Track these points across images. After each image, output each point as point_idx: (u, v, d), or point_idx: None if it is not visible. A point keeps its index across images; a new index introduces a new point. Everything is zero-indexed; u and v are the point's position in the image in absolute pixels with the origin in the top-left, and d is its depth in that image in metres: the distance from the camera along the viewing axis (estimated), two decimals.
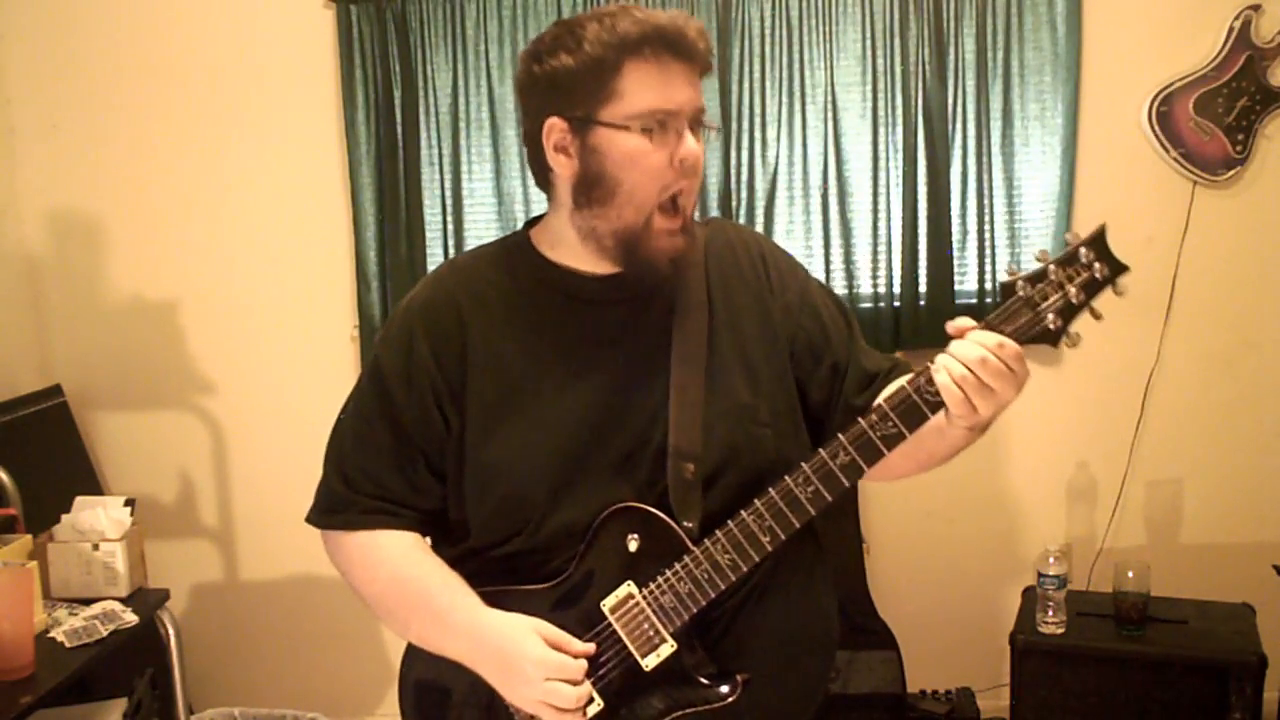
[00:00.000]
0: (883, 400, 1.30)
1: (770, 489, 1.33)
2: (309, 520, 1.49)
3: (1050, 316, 1.24)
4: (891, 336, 3.03)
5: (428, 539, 1.49)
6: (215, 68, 3.15)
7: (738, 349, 1.43)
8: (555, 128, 1.34)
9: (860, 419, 1.29)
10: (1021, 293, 1.25)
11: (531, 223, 1.49)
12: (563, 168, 1.36)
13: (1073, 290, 1.24)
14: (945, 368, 1.24)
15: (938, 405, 1.26)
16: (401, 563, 1.43)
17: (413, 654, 1.53)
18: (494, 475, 1.39)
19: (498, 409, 1.39)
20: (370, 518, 1.44)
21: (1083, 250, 1.24)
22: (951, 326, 1.26)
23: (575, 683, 1.34)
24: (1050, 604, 2.68)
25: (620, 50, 1.29)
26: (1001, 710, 2.95)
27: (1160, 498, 3.10)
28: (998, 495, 3.16)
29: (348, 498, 1.45)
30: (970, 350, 1.23)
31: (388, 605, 1.45)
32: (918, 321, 3.02)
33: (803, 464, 1.32)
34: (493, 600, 1.40)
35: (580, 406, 1.38)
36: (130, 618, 2.39)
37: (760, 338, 1.44)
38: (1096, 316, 1.26)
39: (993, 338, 1.23)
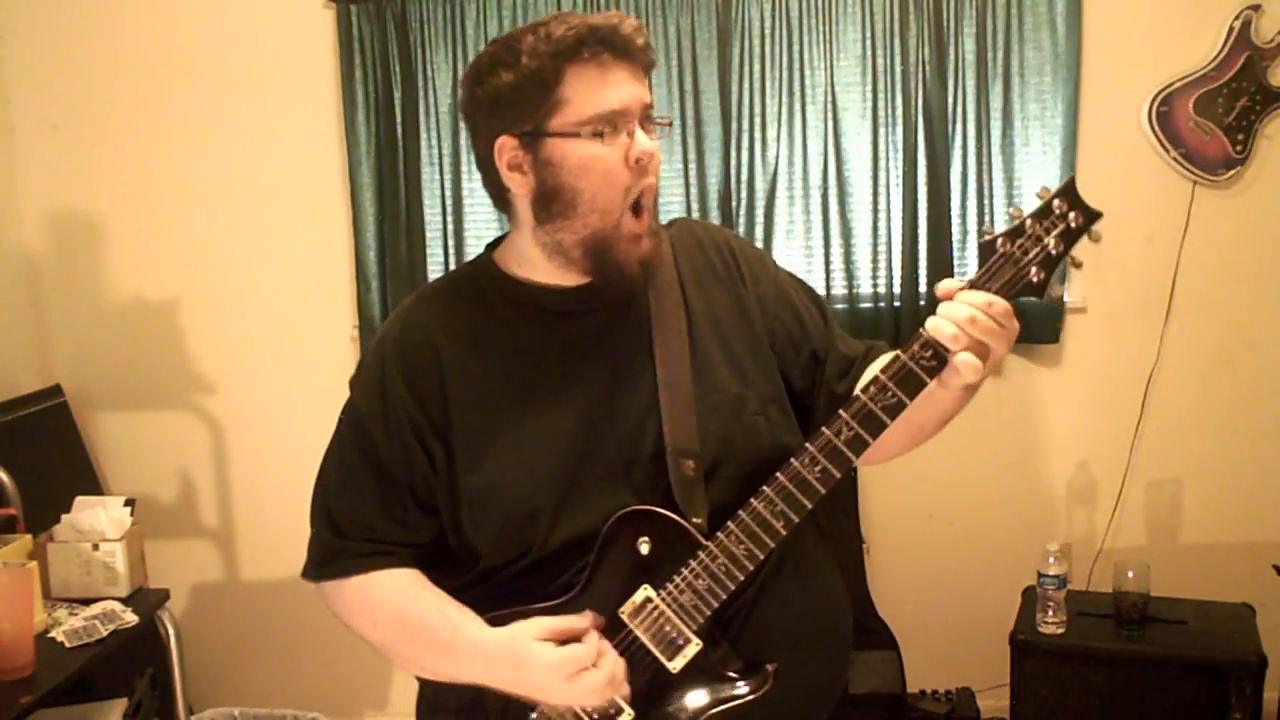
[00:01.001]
0: (879, 373, 1.30)
1: (778, 473, 1.32)
2: (305, 576, 1.47)
3: (1033, 270, 1.26)
4: (891, 336, 3.02)
5: (424, 574, 1.46)
6: (215, 68, 3.16)
7: (720, 342, 1.42)
8: (506, 146, 1.32)
9: (860, 393, 1.29)
10: (1002, 249, 1.27)
11: (493, 245, 1.47)
12: (519, 186, 1.34)
13: (1051, 241, 1.26)
14: (938, 329, 1.25)
15: (934, 369, 1.27)
16: (400, 602, 1.41)
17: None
18: (491, 499, 1.37)
19: (486, 435, 1.37)
20: (365, 561, 1.42)
21: (1055, 202, 1.26)
22: (939, 289, 1.28)
23: (602, 668, 1.31)
24: (1050, 604, 2.68)
25: (558, 57, 1.27)
26: (1001, 710, 2.95)
27: (1160, 498, 3.10)
28: (998, 495, 3.16)
29: (339, 546, 1.43)
30: (961, 310, 1.24)
31: (395, 647, 1.43)
32: (918, 321, 2.96)
33: (808, 444, 1.31)
34: (505, 624, 1.37)
35: (569, 419, 1.37)
36: (130, 618, 2.39)
37: (740, 330, 1.44)
38: (1076, 265, 1.28)
39: (981, 296, 1.25)
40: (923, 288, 3.03)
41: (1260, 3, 2.85)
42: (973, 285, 1.27)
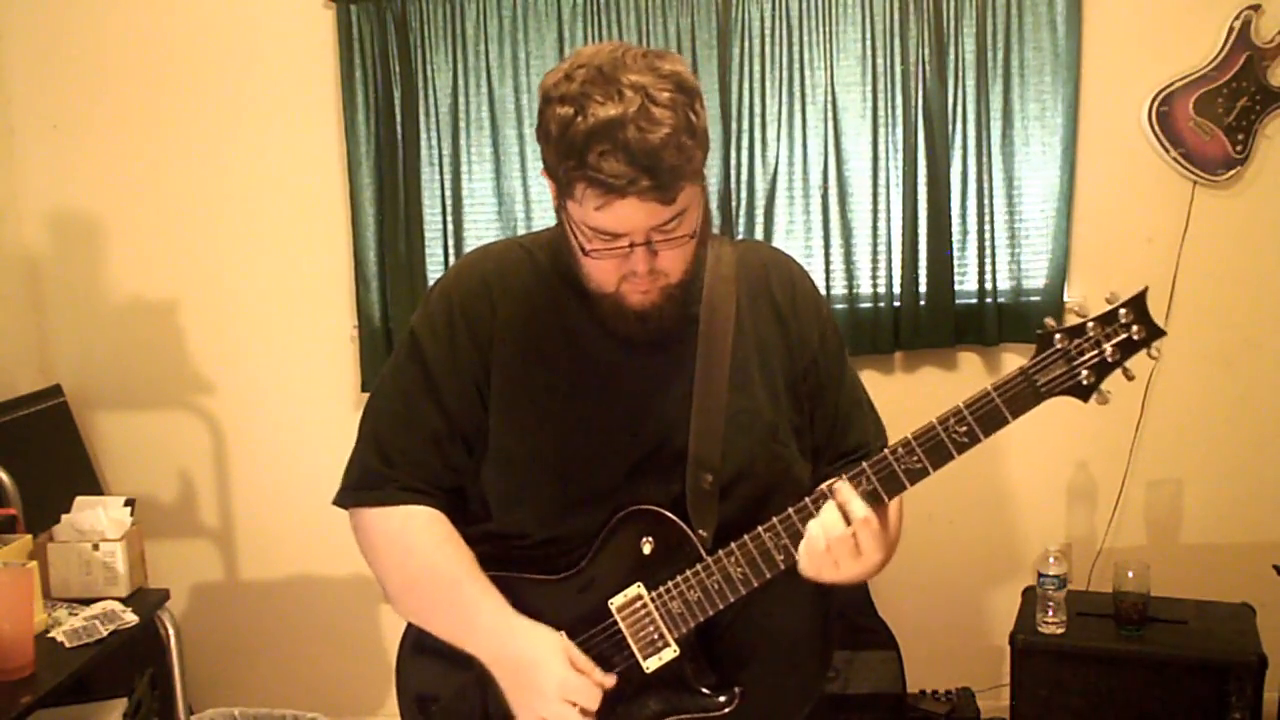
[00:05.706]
0: (910, 436, 1.35)
1: (790, 510, 1.34)
2: (337, 501, 1.48)
3: (1084, 372, 1.27)
4: (891, 336, 3.03)
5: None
6: (215, 68, 3.15)
7: (762, 368, 1.43)
8: (545, 174, 1.32)
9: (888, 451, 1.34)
10: (1059, 344, 1.27)
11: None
12: (557, 209, 1.35)
13: (1109, 349, 1.26)
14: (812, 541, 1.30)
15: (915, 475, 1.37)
16: (433, 554, 1.42)
17: (406, 662, 1.55)
18: (509, 468, 1.40)
19: (517, 401, 1.40)
20: (407, 495, 1.43)
21: (1121, 311, 1.26)
22: (837, 491, 1.31)
23: (588, 712, 1.35)
24: (1050, 604, 2.68)
25: (574, 158, 1.22)
26: (1001, 710, 2.95)
27: (1160, 498, 3.10)
28: (998, 495, 3.16)
29: (386, 475, 1.43)
30: (829, 527, 1.29)
31: (413, 593, 1.45)
32: (918, 321, 3.02)
33: (824, 487, 1.33)
34: (501, 587, 1.41)
35: (597, 409, 1.39)
36: (130, 618, 2.39)
37: (782, 361, 1.45)
38: (1129, 377, 1.28)
39: (844, 524, 1.29)
40: (922, 288, 3.03)
41: (1260, 3, 2.85)
42: (854, 482, 1.30)
